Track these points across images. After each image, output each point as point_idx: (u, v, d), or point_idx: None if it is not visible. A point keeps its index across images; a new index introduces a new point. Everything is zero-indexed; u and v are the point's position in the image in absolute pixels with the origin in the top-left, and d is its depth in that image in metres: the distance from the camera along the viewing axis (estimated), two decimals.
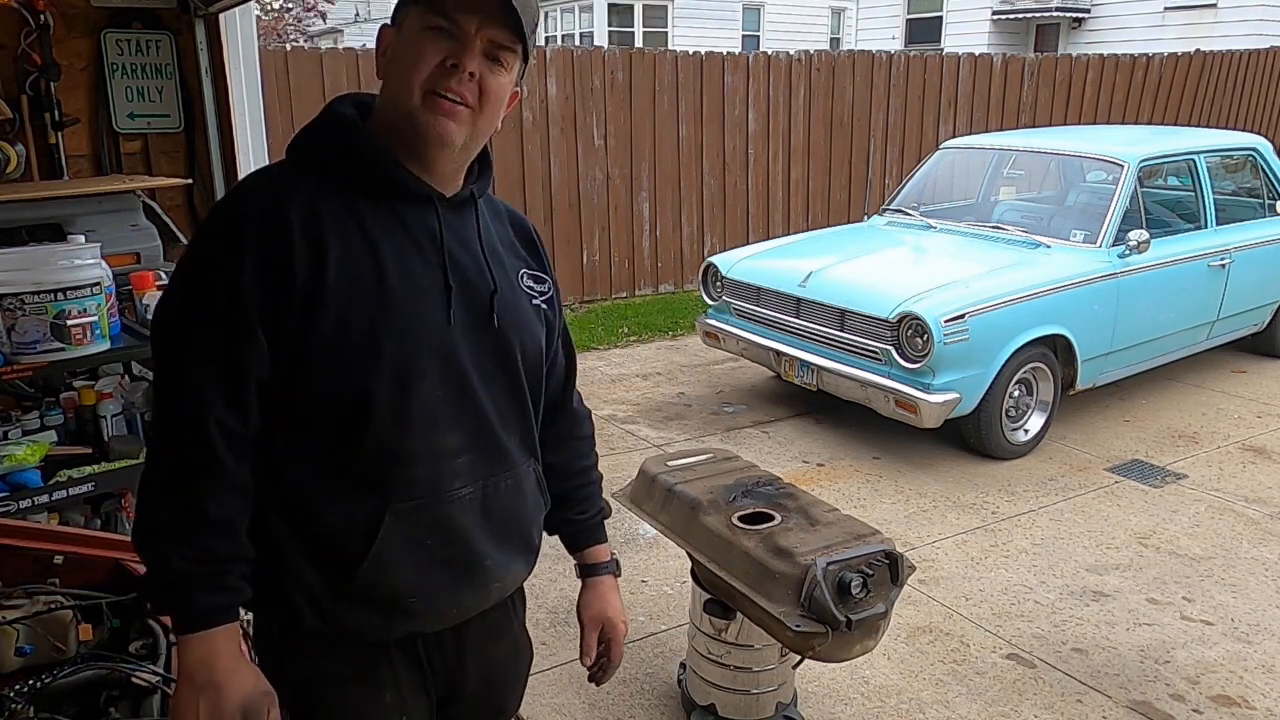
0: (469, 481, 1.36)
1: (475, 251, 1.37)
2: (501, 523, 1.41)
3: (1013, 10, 18.62)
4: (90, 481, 3.07)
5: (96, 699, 1.44)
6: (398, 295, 1.27)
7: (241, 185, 1.35)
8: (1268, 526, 4.01)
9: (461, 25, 1.24)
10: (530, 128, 7.22)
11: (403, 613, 1.35)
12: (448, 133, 1.27)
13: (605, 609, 1.67)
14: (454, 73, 1.24)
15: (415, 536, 1.32)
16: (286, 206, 1.24)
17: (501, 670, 1.57)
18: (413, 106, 1.25)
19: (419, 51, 1.25)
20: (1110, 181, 5.23)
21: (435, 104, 1.25)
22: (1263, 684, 2.97)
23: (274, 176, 1.31)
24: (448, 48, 1.24)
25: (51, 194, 3.57)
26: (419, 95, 1.25)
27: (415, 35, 1.26)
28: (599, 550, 1.68)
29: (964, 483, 4.47)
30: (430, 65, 1.24)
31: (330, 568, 1.30)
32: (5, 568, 1.66)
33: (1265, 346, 6.25)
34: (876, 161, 9.14)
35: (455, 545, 1.36)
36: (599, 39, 18.39)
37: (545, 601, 3.38)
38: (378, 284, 1.26)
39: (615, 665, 1.68)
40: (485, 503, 1.38)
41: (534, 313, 1.46)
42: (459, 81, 1.25)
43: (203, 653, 1.21)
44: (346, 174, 1.29)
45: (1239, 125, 11.49)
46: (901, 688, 2.97)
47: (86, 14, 4.10)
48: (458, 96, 1.25)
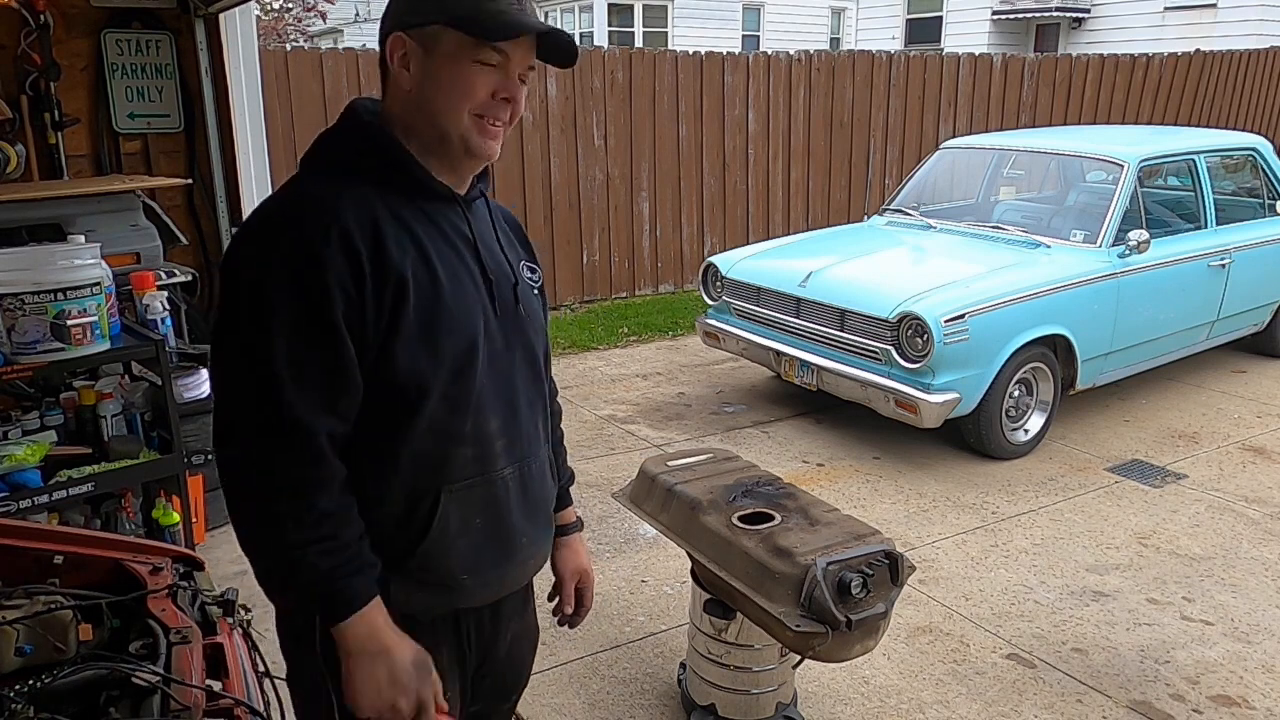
0: (509, 463, 1.46)
1: (495, 246, 1.48)
2: (533, 502, 1.53)
3: (1013, 10, 18.62)
4: (90, 481, 3.07)
5: (96, 699, 1.43)
6: (449, 290, 1.35)
7: (297, 203, 1.34)
8: (1268, 526, 4.01)
9: (513, 61, 1.35)
10: (530, 128, 7.22)
11: (454, 591, 1.44)
12: (493, 151, 1.39)
13: (580, 561, 1.80)
14: (504, 105, 1.36)
15: (467, 516, 1.41)
16: (347, 220, 1.29)
17: (522, 645, 1.70)
18: (464, 129, 1.35)
19: (470, 84, 1.33)
20: (1110, 181, 5.23)
21: (484, 128, 1.36)
22: (1263, 684, 2.97)
23: (324, 190, 1.33)
24: (498, 82, 1.34)
25: (51, 194, 3.57)
26: (469, 120, 1.35)
27: (463, 65, 1.33)
28: (569, 512, 1.79)
29: (964, 483, 4.47)
30: (483, 97, 1.34)
31: (389, 550, 1.36)
32: (5, 568, 1.66)
33: (1265, 346, 6.25)
34: (876, 161, 9.14)
35: (501, 524, 1.46)
36: (599, 39, 18.39)
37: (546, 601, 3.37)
38: (431, 282, 1.34)
39: (588, 610, 1.84)
40: (521, 482, 1.49)
41: (537, 300, 1.56)
42: (504, 110, 1.37)
43: (364, 629, 1.30)
44: (383, 179, 1.36)
45: (1239, 125, 11.49)
46: (901, 688, 2.97)
47: (86, 14, 4.10)
48: (503, 123, 1.38)
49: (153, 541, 1.91)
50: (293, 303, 1.25)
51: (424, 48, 1.34)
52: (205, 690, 1.47)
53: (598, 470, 4.55)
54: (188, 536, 3.33)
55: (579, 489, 4.47)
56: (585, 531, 1.87)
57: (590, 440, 4.98)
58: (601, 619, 3.32)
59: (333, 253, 1.26)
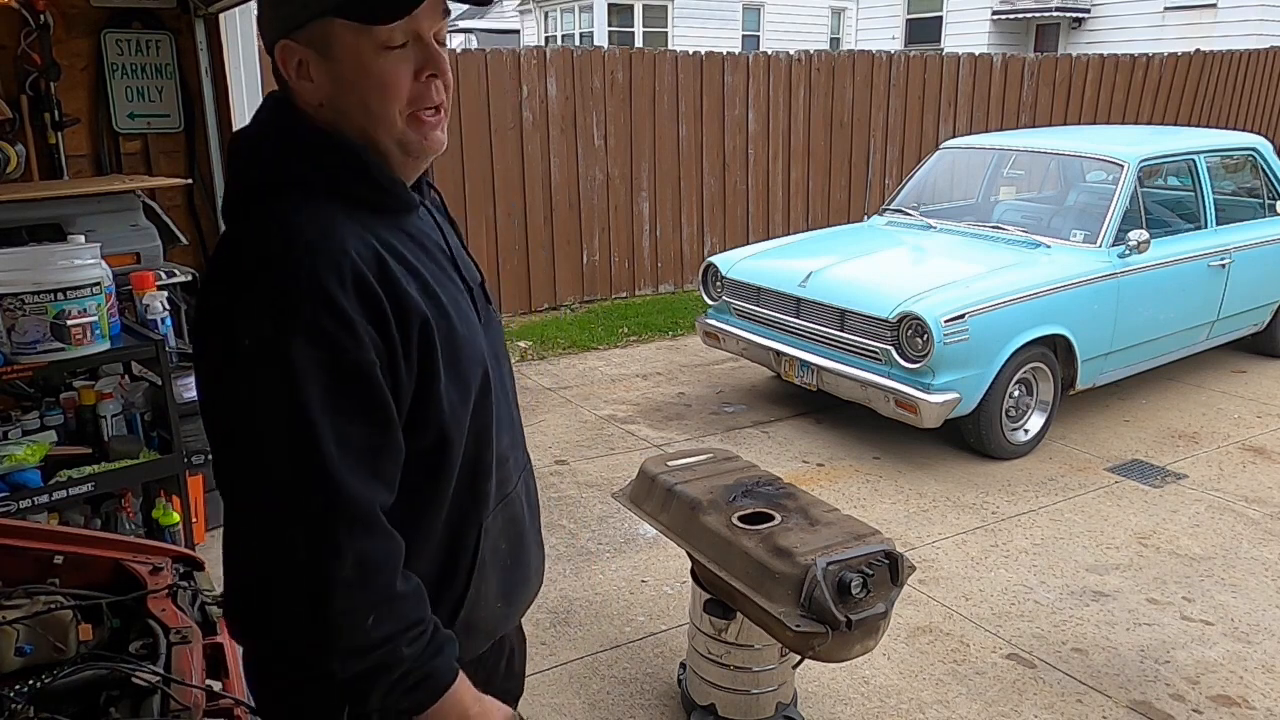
0: (517, 475, 1.37)
1: (459, 246, 1.33)
2: (537, 510, 1.46)
3: (1013, 10, 18.62)
4: (90, 481, 3.07)
5: (96, 699, 1.43)
6: (455, 317, 1.19)
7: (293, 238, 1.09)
8: (1268, 526, 4.01)
9: (424, 27, 1.14)
10: (530, 128, 7.22)
11: (495, 622, 1.35)
12: (438, 142, 1.20)
13: None
14: (431, 83, 1.16)
15: (497, 545, 1.31)
16: (357, 257, 1.09)
17: (520, 657, 1.63)
18: (399, 134, 1.16)
19: (386, 79, 1.13)
20: (1110, 181, 5.23)
21: (420, 123, 1.17)
22: (1263, 684, 2.97)
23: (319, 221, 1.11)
24: (415, 60, 1.14)
25: (51, 194, 3.57)
26: (402, 121, 1.16)
27: (370, 59, 1.12)
28: None
29: (964, 483, 4.47)
30: (406, 88, 1.14)
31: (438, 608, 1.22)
32: (5, 568, 1.66)
33: (1265, 346, 6.25)
34: (876, 161, 9.14)
35: (521, 541, 1.37)
36: (599, 39, 18.38)
37: (545, 602, 3.38)
38: (441, 314, 1.17)
39: None
40: (528, 494, 1.41)
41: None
42: (437, 90, 1.17)
43: (456, 705, 1.18)
44: (359, 197, 1.17)
45: (1239, 125, 11.49)
46: (901, 688, 2.97)
47: (86, 14, 4.10)
48: (438, 105, 1.18)
49: (153, 541, 1.91)
50: (324, 363, 1.05)
51: (318, 50, 1.13)
52: (205, 690, 1.47)
53: (598, 470, 4.55)
54: (188, 536, 3.33)
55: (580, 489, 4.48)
56: (586, 531, 1.84)
57: (590, 440, 4.98)
58: (601, 619, 3.32)
59: (352, 298, 1.06)
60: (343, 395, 1.07)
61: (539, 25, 21.64)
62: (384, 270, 1.11)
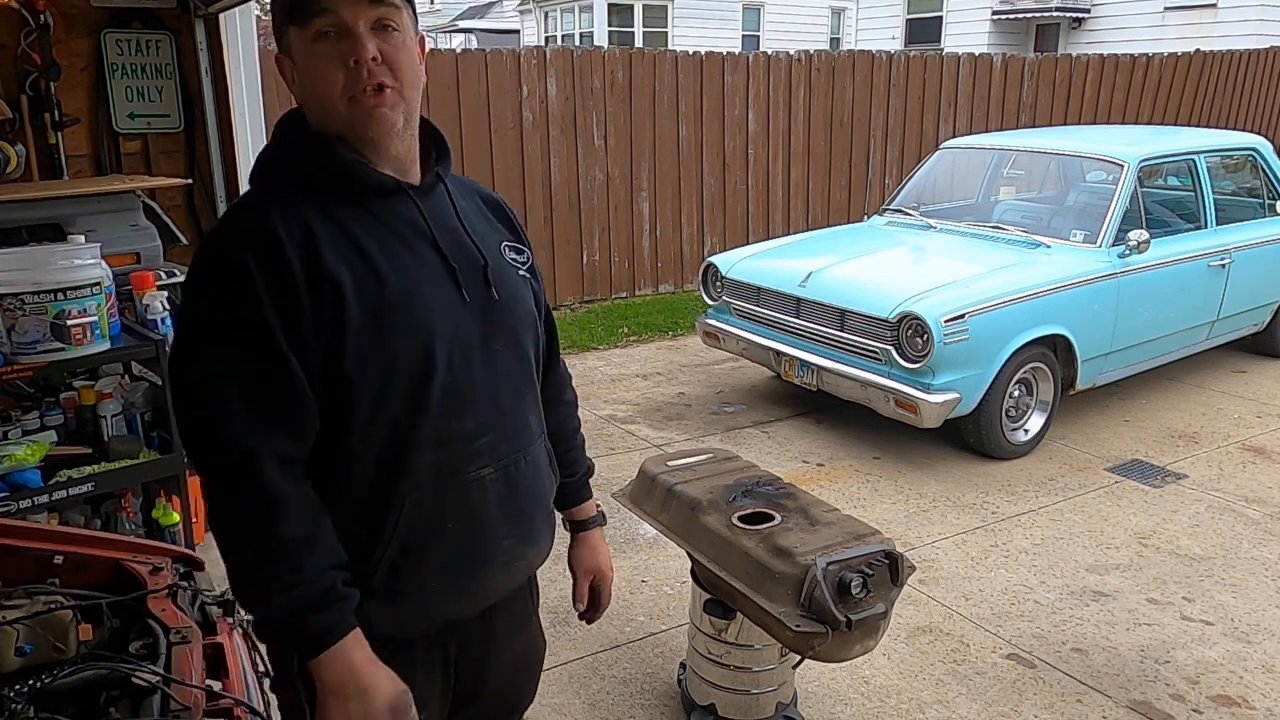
0: (489, 462, 1.38)
1: (457, 230, 1.40)
2: (522, 501, 1.45)
3: (1013, 10, 18.62)
4: (90, 481, 3.07)
5: (96, 699, 1.43)
6: (396, 288, 1.29)
7: (230, 224, 1.32)
8: (1268, 526, 4.01)
9: (343, 19, 1.25)
10: (530, 128, 7.22)
11: (430, 604, 1.37)
12: (385, 119, 1.29)
13: (597, 560, 1.75)
14: (359, 69, 1.26)
15: (436, 520, 1.34)
16: (276, 231, 1.25)
17: (525, 662, 1.63)
18: (343, 120, 1.29)
19: (319, 68, 1.27)
20: (1110, 181, 5.23)
21: (360, 106, 1.28)
22: (1263, 684, 2.97)
23: (257, 207, 1.30)
24: (342, 49, 1.26)
25: (51, 194, 3.57)
26: (344, 106, 1.28)
27: (309, 54, 1.28)
28: (588, 506, 1.76)
29: (964, 483, 4.47)
30: (338, 76, 1.26)
31: (357, 567, 1.30)
32: (5, 568, 1.66)
33: (1265, 346, 6.25)
34: (876, 161, 9.14)
35: (477, 526, 1.38)
36: (599, 39, 18.39)
37: (546, 602, 3.35)
38: (376, 283, 1.28)
39: (605, 608, 1.79)
40: (507, 482, 1.41)
41: (521, 283, 1.49)
42: (369, 74, 1.26)
43: (340, 665, 1.24)
44: (318, 185, 1.31)
45: (1239, 125, 11.49)
46: (901, 688, 2.97)
47: (86, 14, 4.10)
48: (375, 86, 1.27)
49: (153, 541, 1.91)
50: (225, 322, 1.23)
51: (290, 57, 1.31)
52: (205, 690, 1.47)
53: (598, 470, 4.54)
54: (188, 536, 3.33)
55: None
56: None
57: (590, 440, 4.94)
58: (601, 619, 3.32)
59: (262, 266, 1.22)
60: (235, 345, 1.23)
61: (539, 25, 21.65)
62: (310, 245, 1.25)
